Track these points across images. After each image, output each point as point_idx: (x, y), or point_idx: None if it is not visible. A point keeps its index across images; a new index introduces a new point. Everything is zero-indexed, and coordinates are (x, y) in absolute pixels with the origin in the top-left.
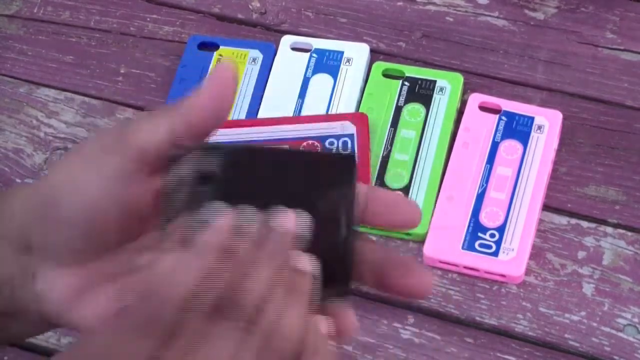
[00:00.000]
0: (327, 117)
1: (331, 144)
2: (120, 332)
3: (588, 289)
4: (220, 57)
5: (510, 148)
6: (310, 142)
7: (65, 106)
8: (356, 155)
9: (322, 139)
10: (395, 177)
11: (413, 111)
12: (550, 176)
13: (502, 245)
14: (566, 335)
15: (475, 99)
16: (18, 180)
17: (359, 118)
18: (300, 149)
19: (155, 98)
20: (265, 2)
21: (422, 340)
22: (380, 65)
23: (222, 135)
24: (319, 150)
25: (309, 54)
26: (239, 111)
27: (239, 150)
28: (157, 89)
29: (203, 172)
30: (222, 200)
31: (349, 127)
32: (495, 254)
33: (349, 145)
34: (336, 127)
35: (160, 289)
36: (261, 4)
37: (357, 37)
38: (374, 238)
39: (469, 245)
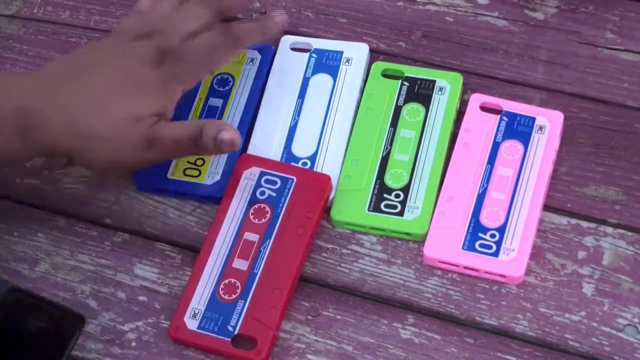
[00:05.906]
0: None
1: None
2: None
3: (588, 289)
4: None
5: (511, 148)
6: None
7: None
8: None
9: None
10: (395, 177)
11: (412, 111)
12: (550, 176)
13: (503, 245)
14: (566, 336)
15: (477, 99)
16: (18, 181)
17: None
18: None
19: None
20: (265, 2)
21: (422, 340)
22: (379, 65)
23: None
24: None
25: (308, 54)
26: (234, 112)
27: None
28: None
29: None
30: None
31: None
32: (496, 254)
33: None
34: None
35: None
36: (261, 4)
37: (357, 37)
38: (374, 238)
39: (469, 246)
